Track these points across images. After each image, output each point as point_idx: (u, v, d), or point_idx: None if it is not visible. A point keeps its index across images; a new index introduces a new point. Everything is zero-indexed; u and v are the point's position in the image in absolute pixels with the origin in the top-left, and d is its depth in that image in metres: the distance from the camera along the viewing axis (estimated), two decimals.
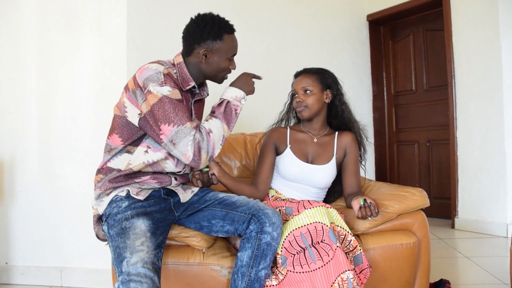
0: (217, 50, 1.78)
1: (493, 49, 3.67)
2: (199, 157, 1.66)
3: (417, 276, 1.96)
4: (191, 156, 1.64)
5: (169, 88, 1.67)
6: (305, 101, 2.13)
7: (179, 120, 1.64)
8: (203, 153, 1.66)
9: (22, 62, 2.94)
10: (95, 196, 1.78)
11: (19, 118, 2.92)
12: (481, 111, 3.80)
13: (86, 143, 2.82)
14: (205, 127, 1.69)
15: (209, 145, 1.67)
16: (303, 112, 2.14)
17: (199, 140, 1.65)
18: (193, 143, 1.63)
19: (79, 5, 2.89)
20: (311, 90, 2.13)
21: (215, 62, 1.80)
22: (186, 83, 1.80)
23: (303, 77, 2.17)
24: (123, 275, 1.49)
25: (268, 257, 1.70)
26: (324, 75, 2.19)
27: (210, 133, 1.68)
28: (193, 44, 1.78)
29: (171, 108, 1.64)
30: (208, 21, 1.77)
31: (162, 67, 1.72)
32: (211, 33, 1.75)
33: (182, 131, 1.63)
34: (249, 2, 3.79)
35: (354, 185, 2.15)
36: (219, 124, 1.73)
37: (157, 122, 1.65)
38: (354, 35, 4.61)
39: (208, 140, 1.67)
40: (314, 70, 2.20)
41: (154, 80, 1.66)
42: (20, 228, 2.90)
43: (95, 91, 2.85)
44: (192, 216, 1.86)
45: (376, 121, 4.80)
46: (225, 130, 1.75)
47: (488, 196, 3.74)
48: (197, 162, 1.67)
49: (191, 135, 1.63)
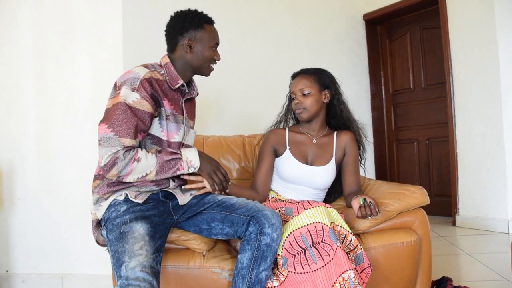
0: (200, 38, 1.81)
1: (490, 45, 3.68)
2: (110, 169, 1.64)
3: (419, 274, 1.95)
4: (102, 164, 1.63)
5: (137, 96, 1.67)
6: (303, 103, 2.11)
7: (118, 131, 1.63)
8: (114, 170, 1.64)
9: (19, 70, 2.94)
10: (94, 201, 1.77)
11: (17, 126, 2.92)
12: (479, 107, 3.79)
13: (85, 150, 2.82)
14: (138, 153, 1.66)
15: (125, 168, 1.64)
16: (302, 114, 2.13)
17: (120, 157, 1.63)
18: (112, 156, 1.62)
19: (75, 14, 2.90)
20: (309, 91, 2.11)
21: (199, 51, 1.82)
22: (175, 81, 1.82)
23: (301, 78, 2.16)
24: (122, 280, 1.48)
25: (269, 258, 1.69)
26: (322, 75, 2.18)
27: (136, 161, 1.64)
28: (176, 36, 1.81)
29: (121, 117, 1.64)
30: (188, 13, 1.82)
31: (145, 71, 1.73)
32: (192, 23, 1.79)
33: (112, 140, 1.63)
34: (245, 2, 3.79)
35: (353, 184, 2.15)
36: (151, 164, 1.68)
37: (103, 118, 1.68)
38: (351, 35, 4.61)
39: (127, 164, 1.64)
40: (312, 70, 2.19)
41: (129, 83, 1.68)
42: (20, 236, 2.90)
43: (92, 99, 2.85)
44: (191, 219, 1.86)
45: (375, 120, 4.80)
46: (151, 175, 1.69)
47: (489, 192, 3.73)
48: (105, 171, 1.65)
49: (115, 149, 1.62)
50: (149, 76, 1.72)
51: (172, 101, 1.81)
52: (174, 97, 1.83)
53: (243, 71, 3.64)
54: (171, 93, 1.82)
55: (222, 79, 1.95)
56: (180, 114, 1.85)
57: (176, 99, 1.84)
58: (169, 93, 1.81)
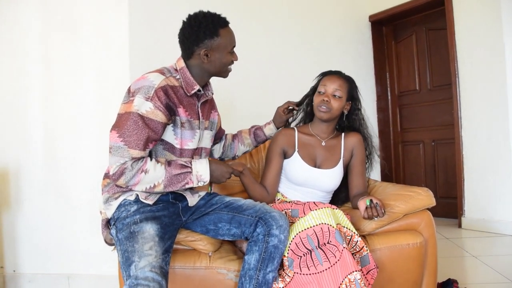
0: (216, 47, 1.77)
1: (497, 47, 3.66)
2: (117, 179, 1.66)
3: (425, 276, 1.95)
4: (111, 172, 1.66)
5: (151, 106, 1.65)
6: (332, 104, 2.07)
7: (128, 141, 1.64)
8: (122, 180, 1.66)
9: (25, 71, 2.96)
10: (104, 200, 1.78)
11: (24, 128, 2.94)
12: (485, 109, 3.78)
13: (91, 150, 2.84)
14: (146, 164, 1.66)
15: (133, 178, 1.65)
16: (324, 114, 2.08)
17: (128, 168, 1.64)
18: (120, 166, 1.64)
19: (82, 15, 2.91)
20: (341, 95, 2.09)
21: (217, 59, 1.79)
22: (191, 87, 1.79)
23: (337, 78, 2.12)
24: (131, 279, 1.50)
25: (276, 259, 1.70)
26: (352, 85, 2.17)
27: (143, 172, 1.65)
28: (192, 46, 1.77)
29: (132, 127, 1.64)
30: (201, 21, 1.74)
31: (160, 79, 1.70)
32: (207, 32, 1.74)
33: (122, 150, 1.64)
34: (251, 3, 3.80)
35: (360, 186, 2.15)
36: (159, 176, 1.68)
37: (115, 125, 1.68)
38: (357, 36, 4.61)
39: (135, 175, 1.65)
40: (347, 77, 2.18)
41: (143, 92, 1.66)
42: (27, 236, 2.91)
43: (98, 101, 2.87)
44: (198, 220, 1.86)
45: (381, 121, 4.79)
46: (159, 187, 1.70)
47: (495, 194, 3.72)
48: (114, 180, 1.68)
49: (124, 159, 1.64)
50: (164, 84, 1.70)
51: (188, 107, 1.79)
52: (190, 102, 1.81)
53: (249, 72, 3.64)
54: (187, 99, 1.79)
55: (228, 79, 1.94)
56: (195, 120, 1.83)
57: (192, 104, 1.82)
58: (185, 99, 1.78)
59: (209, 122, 1.97)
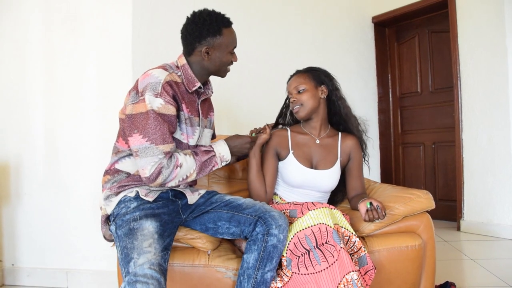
0: (218, 45, 1.79)
1: (499, 51, 3.66)
2: (155, 179, 1.66)
3: (423, 278, 1.96)
4: (147, 174, 1.65)
5: (161, 101, 1.66)
6: (299, 99, 2.10)
7: (154, 139, 1.64)
8: (160, 178, 1.66)
9: (27, 66, 2.95)
10: (104, 197, 1.79)
11: (25, 122, 2.94)
12: (486, 112, 3.78)
13: (92, 146, 2.84)
14: (179, 159, 1.69)
15: (170, 175, 1.67)
16: (299, 112, 2.11)
17: (164, 166, 1.65)
18: (155, 165, 1.64)
19: (84, 10, 2.91)
20: (304, 88, 2.10)
21: (218, 57, 1.81)
22: (192, 84, 1.81)
23: (295, 77, 2.17)
24: (130, 276, 1.50)
25: (274, 259, 1.70)
26: (316, 71, 2.18)
27: (178, 167, 1.68)
28: (194, 43, 1.79)
29: (153, 124, 1.65)
30: (206, 18, 1.76)
31: (165, 74, 1.72)
32: (210, 30, 1.76)
33: (151, 150, 1.64)
34: (253, 4, 3.80)
35: (358, 188, 2.15)
36: (191, 166, 1.73)
37: (133, 128, 1.67)
38: (359, 37, 4.61)
39: (172, 171, 1.67)
40: (305, 69, 2.20)
41: (151, 89, 1.66)
42: (26, 230, 2.92)
43: (100, 96, 2.87)
44: (198, 218, 1.87)
45: (382, 123, 4.80)
46: (192, 175, 1.75)
47: (494, 198, 3.72)
48: (150, 181, 1.67)
49: (157, 158, 1.64)
50: (169, 79, 1.72)
51: (189, 104, 1.81)
52: (191, 99, 1.83)
53: (251, 72, 3.65)
54: (188, 95, 1.81)
55: (230, 79, 1.95)
56: (196, 117, 1.85)
57: (192, 101, 1.84)
58: (186, 96, 1.80)
59: (208, 120, 1.99)
